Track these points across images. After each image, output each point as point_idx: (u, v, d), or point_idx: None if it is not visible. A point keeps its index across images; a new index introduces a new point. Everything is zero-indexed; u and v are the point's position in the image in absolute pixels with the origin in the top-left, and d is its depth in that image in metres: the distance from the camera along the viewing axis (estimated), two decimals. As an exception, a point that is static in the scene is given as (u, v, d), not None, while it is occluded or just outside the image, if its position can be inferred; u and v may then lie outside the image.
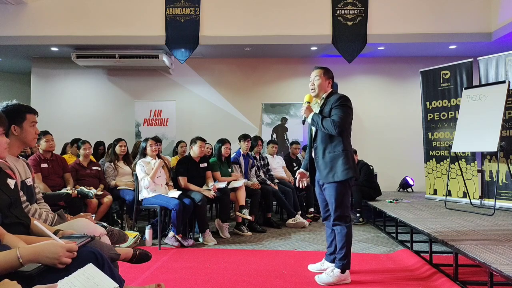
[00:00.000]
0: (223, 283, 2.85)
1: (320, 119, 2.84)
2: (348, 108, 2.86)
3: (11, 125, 1.97)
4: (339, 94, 2.95)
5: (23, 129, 2.02)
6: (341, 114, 2.80)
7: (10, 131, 1.98)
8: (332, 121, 2.79)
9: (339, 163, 2.82)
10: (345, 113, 2.82)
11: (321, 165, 2.92)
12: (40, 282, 1.22)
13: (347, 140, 2.90)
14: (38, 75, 7.54)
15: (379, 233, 4.63)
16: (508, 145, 4.60)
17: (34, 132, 2.08)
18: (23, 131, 2.02)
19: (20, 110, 2.04)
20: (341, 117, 2.79)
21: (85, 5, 6.32)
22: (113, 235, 2.14)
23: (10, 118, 1.92)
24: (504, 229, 3.42)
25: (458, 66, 5.34)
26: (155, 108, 7.08)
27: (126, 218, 4.67)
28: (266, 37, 6.30)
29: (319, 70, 3.00)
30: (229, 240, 4.32)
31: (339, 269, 2.83)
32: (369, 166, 5.68)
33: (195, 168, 4.50)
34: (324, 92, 2.99)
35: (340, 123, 2.77)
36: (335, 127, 2.77)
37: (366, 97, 7.47)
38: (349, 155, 2.85)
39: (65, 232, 1.70)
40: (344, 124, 2.80)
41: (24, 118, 2.02)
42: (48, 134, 4.11)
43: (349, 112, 2.88)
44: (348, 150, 2.87)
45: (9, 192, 1.65)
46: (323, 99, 2.99)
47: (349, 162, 2.83)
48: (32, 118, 2.06)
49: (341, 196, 2.84)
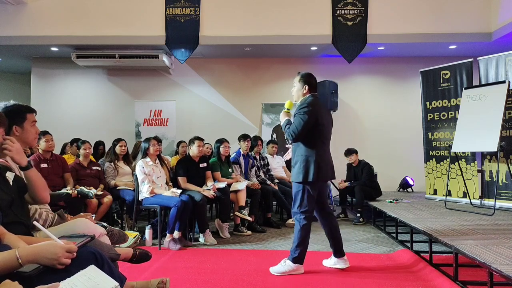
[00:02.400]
0: (223, 283, 2.85)
1: (285, 126, 3.05)
2: (305, 115, 2.94)
3: (12, 125, 1.97)
4: (304, 101, 3.05)
5: (24, 129, 2.02)
6: (297, 123, 2.95)
7: (12, 131, 1.98)
8: (288, 129, 2.98)
9: (302, 166, 3.00)
10: (301, 122, 2.94)
11: (292, 165, 3.15)
12: (40, 282, 1.22)
13: (315, 145, 3.02)
14: (38, 75, 7.54)
15: (379, 233, 4.63)
16: (508, 145, 4.60)
17: (35, 131, 2.08)
18: (24, 131, 2.02)
19: (20, 110, 2.03)
20: (297, 126, 2.95)
21: (85, 5, 6.32)
22: (113, 235, 2.14)
23: (11, 119, 1.92)
24: (504, 229, 3.42)
25: (458, 66, 5.34)
26: (155, 108, 7.08)
27: (126, 218, 4.67)
28: (266, 37, 6.31)
29: (297, 76, 3.16)
30: (229, 240, 4.32)
31: (291, 261, 3.02)
32: (371, 166, 5.68)
33: (194, 168, 4.50)
34: (301, 97, 3.13)
35: (294, 132, 2.95)
36: (290, 135, 2.99)
37: (366, 97, 7.48)
38: (306, 160, 2.99)
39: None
40: (298, 133, 2.94)
41: (24, 118, 2.02)
42: (48, 134, 4.11)
43: (307, 120, 2.94)
44: (307, 155, 3.00)
45: (9, 190, 1.64)
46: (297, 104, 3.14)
47: (304, 166, 2.99)
48: (32, 118, 2.06)
49: (301, 195, 3.03)
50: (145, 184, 4.05)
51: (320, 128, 3.00)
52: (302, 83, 3.09)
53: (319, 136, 3.03)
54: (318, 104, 3.04)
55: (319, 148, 3.03)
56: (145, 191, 4.05)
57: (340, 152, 6.00)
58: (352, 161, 5.71)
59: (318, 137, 3.03)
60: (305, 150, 3.00)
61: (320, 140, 3.05)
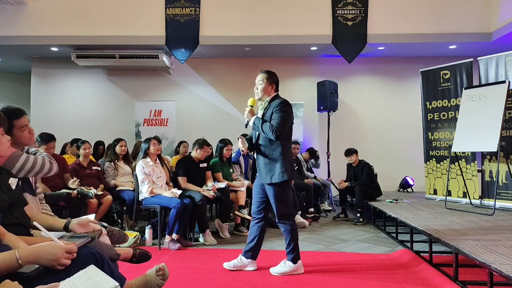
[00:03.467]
0: (223, 283, 2.85)
1: (261, 123, 2.98)
2: (287, 113, 2.96)
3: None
4: (281, 99, 3.06)
5: (15, 136, 1.88)
6: (280, 120, 2.91)
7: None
8: (270, 126, 2.91)
9: (277, 166, 2.96)
10: (284, 119, 2.92)
11: (261, 167, 3.06)
12: (40, 282, 1.22)
13: (285, 144, 3.03)
14: (38, 75, 7.53)
15: (379, 233, 4.62)
16: (508, 145, 4.60)
17: (27, 133, 1.96)
18: (16, 137, 1.89)
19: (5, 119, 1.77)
20: (279, 123, 2.90)
21: (85, 5, 6.32)
22: (113, 235, 2.14)
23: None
24: (504, 229, 3.42)
25: (458, 66, 5.34)
26: (155, 108, 7.08)
27: (126, 218, 4.67)
28: (266, 37, 6.31)
29: (263, 74, 3.12)
30: (229, 240, 4.32)
31: (291, 261, 3.04)
32: (371, 166, 5.68)
33: (195, 169, 4.50)
34: (268, 96, 3.10)
35: (277, 129, 2.89)
36: (273, 132, 2.90)
37: (366, 97, 7.48)
38: (286, 158, 2.98)
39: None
40: (281, 130, 2.91)
41: (12, 126, 1.88)
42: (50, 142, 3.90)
43: (288, 118, 2.97)
44: (286, 154, 3.00)
45: (10, 192, 1.65)
46: (266, 102, 3.10)
47: (286, 165, 2.96)
48: (20, 124, 1.91)
49: (280, 197, 3.00)
50: (145, 184, 4.05)
51: (291, 127, 3.06)
52: (269, 82, 3.09)
53: (289, 136, 3.07)
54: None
55: (290, 147, 3.10)
56: (145, 191, 4.05)
57: (340, 152, 6.01)
58: (352, 161, 5.71)
59: (290, 136, 3.07)
60: (282, 149, 2.98)
61: (289, 139, 3.09)
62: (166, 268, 2.05)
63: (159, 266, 2.03)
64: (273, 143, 2.98)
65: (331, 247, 3.96)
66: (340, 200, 5.68)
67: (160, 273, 2.01)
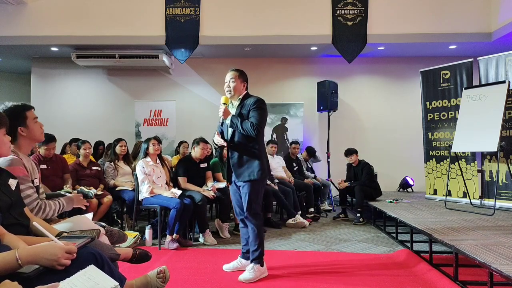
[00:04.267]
0: (223, 283, 2.85)
1: (239, 122, 2.94)
2: (263, 111, 2.98)
3: (17, 127, 2.01)
4: (255, 97, 3.05)
5: (29, 128, 2.06)
6: (258, 117, 2.92)
7: (18, 133, 2.02)
8: (251, 124, 2.89)
9: (255, 163, 2.94)
10: (262, 116, 2.94)
11: (237, 165, 3.00)
12: (40, 283, 1.22)
13: (261, 141, 3.03)
14: (38, 75, 7.54)
15: (379, 233, 4.63)
16: (508, 145, 4.60)
17: (39, 126, 2.12)
18: (29, 129, 2.06)
19: (19, 110, 2.06)
20: (259, 120, 2.91)
21: (85, 5, 6.32)
22: (112, 235, 2.14)
23: (13, 121, 1.94)
24: (504, 229, 3.42)
25: (458, 66, 5.34)
26: (155, 108, 7.08)
27: (126, 218, 4.67)
28: (266, 37, 6.30)
29: (234, 72, 3.08)
30: (229, 240, 4.32)
31: (258, 264, 2.95)
32: (370, 166, 5.68)
33: (195, 168, 4.50)
34: (239, 94, 3.08)
35: (258, 126, 2.89)
36: (254, 130, 2.88)
37: (366, 97, 7.48)
38: (263, 155, 3.00)
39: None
40: (261, 127, 2.93)
41: (26, 117, 2.05)
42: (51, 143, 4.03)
43: (265, 115, 3.01)
44: (262, 151, 3.01)
45: (10, 193, 1.65)
46: (239, 100, 3.07)
47: (263, 163, 2.97)
48: (32, 115, 2.09)
49: (255, 194, 2.97)
50: (145, 184, 4.05)
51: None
52: (241, 80, 3.07)
53: (263, 134, 3.07)
54: None
55: (264, 145, 3.11)
56: (145, 191, 4.05)
57: (340, 152, 6.01)
58: (352, 161, 5.71)
59: (263, 134, 3.06)
60: (259, 147, 2.97)
61: (263, 137, 3.09)
62: (167, 271, 2.05)
63: (160, 268, 2.04)
64: (251, 140, 2.95)
65: (331, 247, 3.96)
66: (340, 200, 5.68)
67: (161, 275, 2.02)
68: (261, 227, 3.04)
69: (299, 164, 6.24)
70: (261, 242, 2.99)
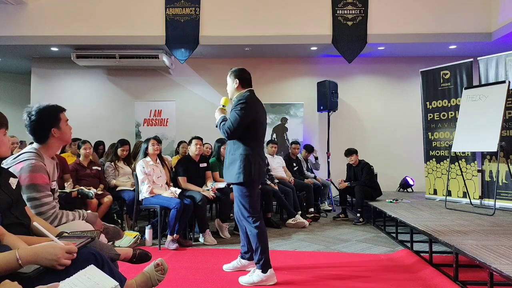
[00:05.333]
0: (223, 283, 2.85)
1: (219, 123, 2.89)
2: (241, 112, 2.81)
3: (51, 128, 1.99)
4: (242, 96, 2.93)
5: (61, 130, 2.04)
6: (233, 120, 2.81)
7: (50, 133, 2.00)
8: (223, 126, 2.84)
9: (236, 165, 2.85)
10: (236, 119, 2.80)
11: (225, 165, 2.98)
12: (40, 283, 1.22)
13: (250, 145, 2.87)
14: (38, 75, 7.54)
15: (379, 233, 4.63)
16: (508, 145, 4.60)
17: (69, 129, 2.11)
18: (62, 131, 2.05)
19: (55, 112, 2.03)
20: (233, 123, 2.81)
21: (85, 5, 6.32)
22: (107, 232, 2.15)
23: (47, 121, 1.96)
24: (504, 229, 3.42)
25: (458, 66, 5.34)
26: (155, 108, 7.08)
27: (126, 218, 4.66)
28: (266, 37, 6.31)
29: (228, 72, 3.05)
30: (229, 240, 4.32)
31: (260, 269, 2.83)
32: (370, 166, 5.68)
33: (194, 168, 4.50)
34: (234, 93, 3.02)
35: (230, 129, 2.81)
36: (225, 132, 2.84)
37: (366, 97, 7.48)
38: (246, 159, 2.83)
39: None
40: (234, 130, 2.80)
41: (60, 119, 2.04)
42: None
43: (243, 117, 2.80)
44: (247, 155, 2.84)
45: (10, 192, 1.65)
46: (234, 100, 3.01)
47: (245, 166, 2.82)
48: (65, 117, 2.08)
49: (243, 198, 2.88)
50: (145, 184, 4.05)
51: (257, 125, 2.91)
52: (232, 78, 2.99)
53: (256, 134, 2.92)
54: (255, 100, 2.95)
55: (257, 147, 2.92)
56: (145, 191, 4.05)
57: (340, 152, 6.01)
58: (352, 161, 5.71)
59: (256, 134, 2.91)
60: (244, 149, 2.84)
61: (258, 138, 2.94)
62: (165, 262, 2.05)
63: (157, 261, 2.04)
64: (235, 143, 2.88)
65: (331, 247, 3.96)
66: (340, 200, 5.68)
67: (159, 268, 2.02)
68: (261, 234, 2.84)
69: (299, 164, 6.24)
70: (263, 249, 2.83)
